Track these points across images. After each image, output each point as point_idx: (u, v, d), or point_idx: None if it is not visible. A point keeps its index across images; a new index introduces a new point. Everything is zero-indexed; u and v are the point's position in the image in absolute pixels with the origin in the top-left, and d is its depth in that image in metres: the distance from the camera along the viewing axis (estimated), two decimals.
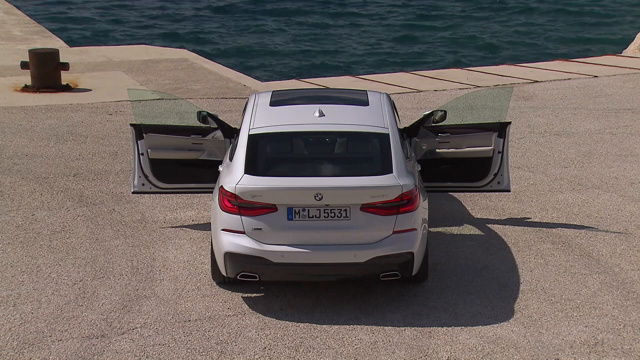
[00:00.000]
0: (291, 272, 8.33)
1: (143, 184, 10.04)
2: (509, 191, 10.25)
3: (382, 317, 8.38)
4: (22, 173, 12.34)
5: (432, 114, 10.11)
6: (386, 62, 28.87)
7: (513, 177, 12.04)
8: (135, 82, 17.96)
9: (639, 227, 10.64)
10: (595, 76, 19.03)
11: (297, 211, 8.25)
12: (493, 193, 11.11)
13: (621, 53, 23.47)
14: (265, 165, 8.57)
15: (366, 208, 8.26)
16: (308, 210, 8.25)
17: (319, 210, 8.25)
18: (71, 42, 25.02)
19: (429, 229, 9.65)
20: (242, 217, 8.26)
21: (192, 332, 8.09)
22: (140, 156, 9.90)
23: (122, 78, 18.37)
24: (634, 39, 23.75)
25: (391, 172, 8.42)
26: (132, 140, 9.93)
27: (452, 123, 10.48)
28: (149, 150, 9.86)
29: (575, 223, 10.75)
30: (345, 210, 8.26)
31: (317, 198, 8.19)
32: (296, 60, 29.40)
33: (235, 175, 8.41)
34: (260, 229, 8.23)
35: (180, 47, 25.19)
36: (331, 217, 8.26)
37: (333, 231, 8.25)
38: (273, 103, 9.51)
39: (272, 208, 8.25)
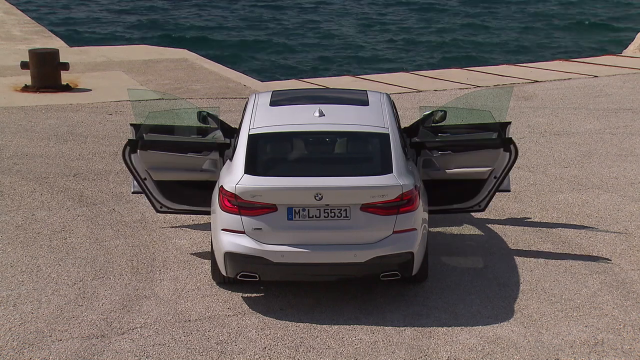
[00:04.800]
0: (291, 272, 8.33)
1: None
2: (509, 191, 10.23)
3: (382, 317, 8.38)
4: (22, 173, 12.34)
5: (432, 114, 10.10)
6: (386, 62, 28.87)
7: (513, 177, 12.03)
8: (135, 82, 17.96)
9: (639, 227, 10.64)
10: (595, 76, 19.04)
11: (297, 211, 8.25)
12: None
13: (621, 53, 23.48)
14: (265, 165, 8.57)
15: (366, 208, 8.26)
16: (308, 210, 8.25)
17: (319, 210, 8.25)
18: (71, 42, 25.01)
19: (429, 229, 9.64)
20: (242, 217, 8.26)
21: (192, 332, 8.09)
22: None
23: (122, 78, 18.37)
24: (634, 39, 23.76)
25: (391, 172, 8.42)
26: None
27: (452, 123, 10.44)
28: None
29: (575, 223, 10.74)
30: (345, 210, 8.26)
31: (317, 198, 8.19)
32: (296, 60, 29.40)
33: (235, 175, 8.41)
34: (260, 228, 8.23)
35: (180, 47, 25.19)
36: (331, 217, 8.26)
37: (333, 231, 8.24)
38: (273, 103, 9.50)
39: (272, 208, 8.25)
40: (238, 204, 8.26)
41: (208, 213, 9.08)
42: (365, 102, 9.49)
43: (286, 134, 8.89)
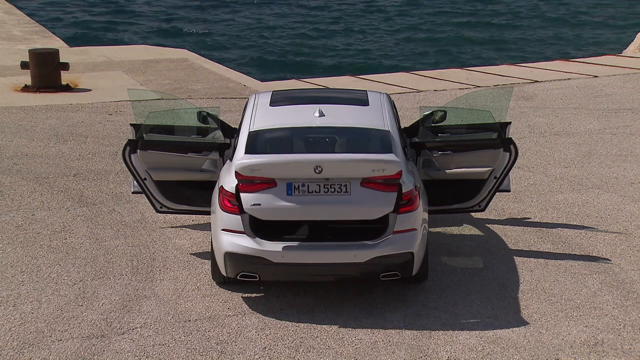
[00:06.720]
0: (291, 272, 8.32)
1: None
2: (509, 191, 10.23)
3: (382, 317, 8.38)
4: (22, 173, 12.34)
5: (432, 114, 10.09)
6: (386, 62, 28.88)
7: (513, 177, 12.03)
8: (135, 82, 17.96)
9: (639, 227, 10.64)
10: (595, 76, 19.04)
11: (296, 186, 8.21)
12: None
13: (621, 53, 23.48)
14: (265, 147, 8.57)
15: (366, 183, 8.22)
16: (308, 185, 8.22)
17: (319, 185, 8.21)
18: (71, 42, 25.02)
19: (429, 229, 9.64)
20: (242, 194, 8.20)
21: (192, 332, 8.09)
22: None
23: (122, 78, 18.37)
24: (634, 39, 23.76)
25: (391, 152, 8.42)
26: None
27: (452, 123, 10.44)
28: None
29: (575, 223, 10.74)
30: (346, 185, 8.22)
31: (316, 171, 8.14)
32: (296, 60, 29.40)
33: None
34: (260, 204, 8.18)
35: (180, 47, 25.20)
36: (331, 192, 8.22)
37: (333, 206, 8.19)
38: (273, 103, 9.50)
39: (271, 183, 8.22)
40: (238, 181, 8.22)
41: (208, 213, 9.08)
42: (365, 102, 9.49)
43: (286, 130, 8.89)
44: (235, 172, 8.24)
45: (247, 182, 8.23)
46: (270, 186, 8.20)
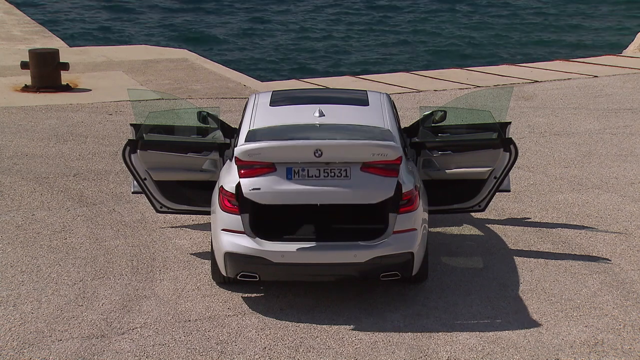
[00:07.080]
0: (291, 272, 8.32)
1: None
2: (509, 191, 10.23)
3: (382, 317, 8.38)
4: (22, 173, 12.34)
5: (432, 114, 10.09)
6: (387, 62, 28.88)
7: (513, 177, 12.03)
8: (135, 82, 17.96)
9: (639, 227, 10.64)
10: (595, 76, 19.04)
11: (296, 171, 8.21)
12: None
13: (621, 53, 23.48)
14: (264, 136, 8.57)
15: (367, 168, 8.23)
16: (308, 170, 8.22)
17: (319, 170, 8.22)
18: (71, 42, 25.02)
19: (429, 229, 9.64)
20: (242, 179, 8.21)
21: (192, 332, 8.09)
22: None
23: (122, 78, 18.37)
24: (634, 39, 23.76)
25: (392, 140, 8.43)
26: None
27: (452, 123, 10.44)
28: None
29: (575, 223, 10.75)
30: (346, 170, 8.22)
31: (316, 154, 8.15)
32: (296, 60, 29.40)
33: (235, 176, 8.39)
34: (259, 188, 8.19)
35: (180, 47, 25.21)
36: (331, 176, 8.22)
37: (333, 190, 8.19)
38: (273, 103, 9.50)
39: (270, 167, 8.22)
40: (238, 167, 8.22)
41: (208, 213, 9.08)
42: (365, 102, 9.49)
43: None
44: (235, 157, 8.27)
45: (247, 167, 8.24)
46: (270, 171, 8.22)
